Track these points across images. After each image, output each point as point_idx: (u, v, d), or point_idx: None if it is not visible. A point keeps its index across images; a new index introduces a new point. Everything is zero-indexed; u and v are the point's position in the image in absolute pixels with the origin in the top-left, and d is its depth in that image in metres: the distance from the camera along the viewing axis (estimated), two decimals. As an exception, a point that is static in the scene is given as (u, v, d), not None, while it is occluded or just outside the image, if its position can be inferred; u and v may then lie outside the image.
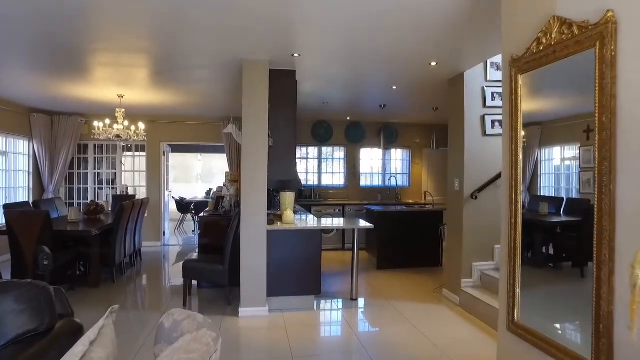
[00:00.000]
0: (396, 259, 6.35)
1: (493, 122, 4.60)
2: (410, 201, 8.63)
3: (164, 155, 8.41)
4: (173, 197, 10.99)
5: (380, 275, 5.96)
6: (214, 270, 4.42)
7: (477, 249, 4.59)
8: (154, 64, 4.43)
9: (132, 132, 6.14)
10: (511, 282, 2.01)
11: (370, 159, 8.89)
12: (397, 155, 9.00)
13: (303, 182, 8.60)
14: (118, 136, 5.84)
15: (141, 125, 6.22)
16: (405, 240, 6.39)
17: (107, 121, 5.84)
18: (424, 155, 8.95)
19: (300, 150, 8.63)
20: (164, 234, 8.43)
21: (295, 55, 4.03)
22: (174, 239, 9.34)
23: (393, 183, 8.75)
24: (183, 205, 10.94)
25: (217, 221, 5.15)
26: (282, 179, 4.49)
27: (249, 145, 4.15)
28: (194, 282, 4.95)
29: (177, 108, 7.12)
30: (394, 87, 5.40)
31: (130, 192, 8.52)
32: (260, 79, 4.18)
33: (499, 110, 4.57)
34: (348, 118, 8.27)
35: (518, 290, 1.97)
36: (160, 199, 8.23)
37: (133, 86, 5.42)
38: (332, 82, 5.22)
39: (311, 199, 8.34)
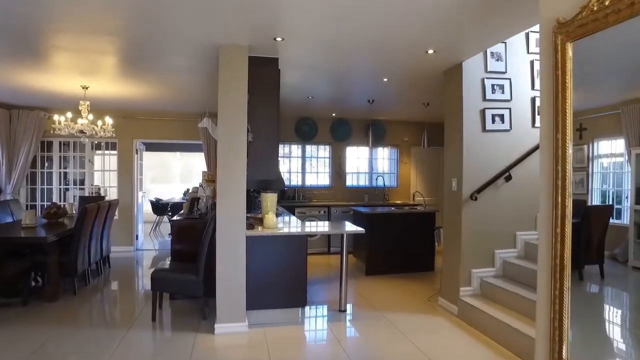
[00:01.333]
0: (386, 264, 5.97)
1: (493, 116, 4.24)
2: (399, 202, 8.27)
3: (137, 153, 7.83)
4: (149, 199, 10.40)
5: (369, 282, 5.56)
6: (187, 280, 3.94)
7: (476, 255, 4.23)
8: (121, 49, 3.92)
9: (99, 127, 5.59)
10: (556, 309, 1.61)
11: (357, 158, 8.49)
12: (384, 154, 8.63)
13: (286, 182, 8.15)
14: (82, 132, 5.29)
15: (108, 120, 5.68)
16: (396, 244, 6.01)
17: (69, 115, 5.27)
18: (413, 154, 8.60)
19: (283, 149, 8.18)
20: (137, 238, 7.85)
21: (278, 39, 3.59)
22: (149, 243, 8.77)
23: (380, 183, 8.37)
24: (159, 207, 10.35)
25: (191, 225, 4.66)
26: (263, 178, 4.04)
27: (226, 141, 3.68)
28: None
29: (150, 102, 6.57)
30: (385, 80, 5.00)
31: (102, 193, 7.93)
32: (239, 66, 3.72)
33: (500, 104, 4.23)
34: (334, 114, 7.86)
35: (567, 322, 1.56)
36: (132, 200, 7.66)
37: (99, 76, 4.87)
38: (318, 72, 4.79)
39: (295, 200, 7.90)
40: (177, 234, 4.67)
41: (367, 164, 8.54)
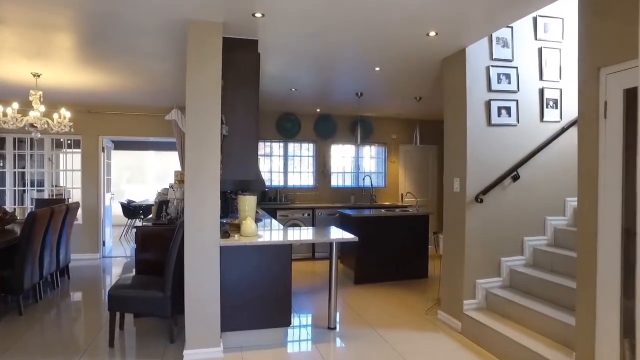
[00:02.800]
0: (377, 271, 5.49)
1: (499, 109, 3.80)
2: (387, 203, 7.81)
3: (104, 151, 7.15)
4: (120, 201, 9.67)
5: (359, 292, 5.07)
6: (152, 298, 3.36)
7: (481, 263, 3.78)
8: (77, 25, 3.30)
9: (54, 121, 4.93)
10: None
11: (342, 157, 8.00)
12: (371, 152, 8.16)
13: (267, 183, 7.59)
14: (33, 125, 4.62)
15: (65, 113, 5.02)
16: (387, 250, 5.54)
17: (16, 105, 4.60)
18: (401, 152, 8.16)
19: (263, 146, 7.62)
20: (104, 244, 7.17)
21: (257, 15, 3.05)
22: (119, 249, 8.07)
23: (367, 183, 7.90)
24: (130, 210, 9.63)
25: (159, 232, 4.07)
26: (241, 178, 3.49)
27: (195, 133, 3.12)
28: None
29: (117, 95, 5.93)
30: (378, 69, 4.51)
31: (65, 195, 7.21)
32: (211, 45, 3.16)
33: (507, 95, 3.79)
34: (318, 110, 7.35)
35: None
36: (98, 202, 6.98)
37: (53, 61, 4.23)
38: (302, 60, 4.27)
39: (276, 201, 7.35)
40: (143, 242, 4.07)
41: (353, 163, 8.05)
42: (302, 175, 7.81)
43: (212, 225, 3.16)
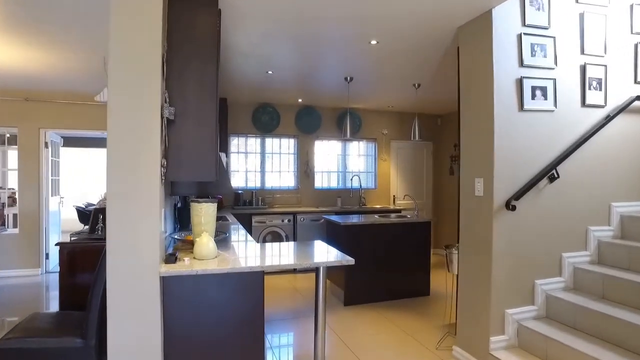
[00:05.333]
0: (370, 289, 4.61)
1: (534, 89, 2.96)
2: (378, 206, 6.95)
3: (48, 147, 6.07)
4: (75, 206, 8.54)
5: (350, 317, 4.17)
6: (67, 349, 2.38)
7: (512, 288, 2.93)
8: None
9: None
10: None
11: (328, 154, 7.09)
12: (360, 149, 7.27)
13: (242, 184, 6.63)
14: None
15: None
16: (382, 263, 4.67)
17: None
18: (393, 149, 7.31)
19: (237, 141, 6.65)
20: (47, 257, 6.08)
21: (213, -56, 2.12)
22: (69, 261, 6.95)
23: (356, 184, 7.02)
24: (87, 215, 8.50)
25: (90, 250, 3.09)
26: (194, 179, 2.54)
27: (121, 117, 2.16)
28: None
29: (61, 79, 4.87)
30: (374, 42, 3.62)
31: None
32: (146, -9, 2.21)
33: (543, 72, 2.95)
34: (300, 100, 6.42)
35: None
36: (40, 207, 5.89)
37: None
38: (279, 30, 3.34)
39: (252, 205, 6.39)
40: (69, 263, 3.08)
41: (339, 161, 7.15)
42: (281, 175, 6.87)
43: (150, 246, 2.20)
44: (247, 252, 2.80)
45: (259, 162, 6.77)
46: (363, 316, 4.19)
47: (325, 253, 2.84)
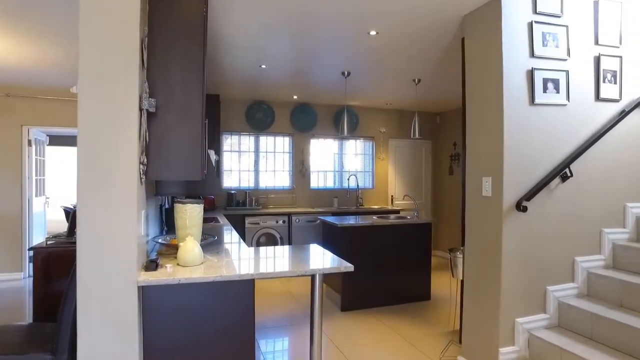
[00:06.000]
0: (369, 294, 4.40)
1: (546, 82, 2.76)
2: (376, 206, 6.74)
3: (31, 145, 5.81)
4: (63, 206, 8.26)
5: (348, 324, 3.96)
6: (35, 365, 2.15)
7: (522, 295, 2.73)
8: None
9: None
10: None
11: (324, 153, 6.87)
12: (357, 148, 7.06)
13: (235, 184, 6.40)
14: None
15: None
16: (381, 266, 4.46)
17: None
18: (391, 148, 7.10)
19: (230, 140, 6.42)
20: (31, 260, 5.80)
21: None
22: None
23: (353, 184, 6.81)
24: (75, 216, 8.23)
25: (66, 255, 2.86)
26: (178, 178, 2.32)
27: (91, 109, 1.93)
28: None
29: (47, 73, 4.63)
30: (373, 32, 3.41)
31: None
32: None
33: (555, 64, 2.74)
34: (295, 97, 6.19)
35: None
36: (23, 209, 5.63)
37: None
38: (273, 16, 3.12)
39: (245, 206, 6.16)
40: (43, 269, 2.85)
41: (336, 160, 6.93)
42: (276, 174, 6.64)
43: (126, 252, 1.97)
44: (236, 258, 2.57)
45: (252, 161, 6.54)
46: (361, 322, 3.98)
47: (321, 258, 2.62)
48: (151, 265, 2.17)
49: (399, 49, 3.81)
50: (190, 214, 2.37)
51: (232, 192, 6.16)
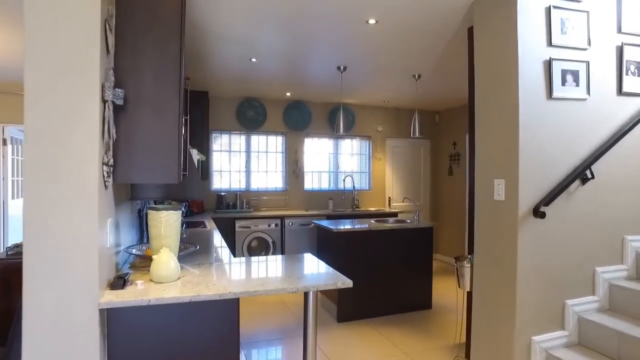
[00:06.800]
0: (366, 304, 4.12)
1: (564, 73, 2.48)
2: (373, 209, 6.46)
3: (7, 145, 5.46)
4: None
5: (344, 335, 3.67)
6: (-17, 400, 1.84)
7: (539, 310, 2.46)
8: None
9: None
10: None
11: (318, 153, 6.58)
12: (353, 148, 6.77)
13: (225, 185, 6.09)
14: None
15: None
16: (379, 273, 4.18)
17: None
18: (388, 148, 6.83)
19: (220, 140, 6.11)
20: (7, 266, 5.46)
21: None
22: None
23: (349, 185, 6.52)
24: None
25: (30, 268, 2.53)
26: (152, 181, 2.02)
27: (40, 99, 1.64)
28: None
29: (22, 66, 4.31)
30: (373, 21, 3.12)
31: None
32: None
33: (574, 54, 2.47)
34: (288, 94, 5.90)
35: None
36: (-2, 212, 5.29)
37: None
38: (263, 1, 2.82)
39: (236, 209, 5.85)
40: (2, 284, 2.53)
41: (331, 160, 6.64)
42: (268, 175, 6.34)
43: (85, 268, 1.67)
44: (221, 271, 2.27)
45: (243, 162, 6.23)
46: (359, 335, 3.69)
47: (316, 271, 2.33)
48: (118, 282, 1.86)
49: (399, 40, 3.53)
50: (165, 222, 2.06)
51: (222, 194, 5.85)
